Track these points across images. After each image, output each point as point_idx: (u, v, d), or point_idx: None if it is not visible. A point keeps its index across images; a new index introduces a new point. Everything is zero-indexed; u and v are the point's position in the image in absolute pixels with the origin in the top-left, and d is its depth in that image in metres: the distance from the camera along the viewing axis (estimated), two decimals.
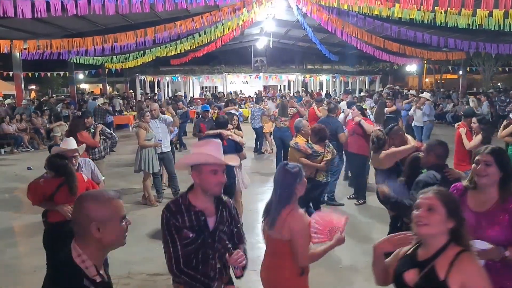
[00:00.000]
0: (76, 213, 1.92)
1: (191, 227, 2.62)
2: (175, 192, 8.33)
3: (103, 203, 1.90)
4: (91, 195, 1.99)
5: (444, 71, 31.05)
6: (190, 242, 2.62)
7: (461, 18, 10.21)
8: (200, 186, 2.65)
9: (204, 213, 2.67)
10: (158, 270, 5.36)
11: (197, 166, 2.64)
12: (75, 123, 7.78)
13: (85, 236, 1.87)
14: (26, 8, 8.93)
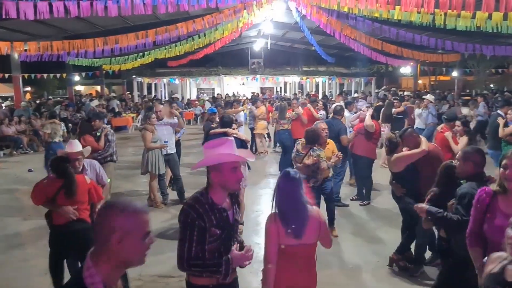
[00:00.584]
0: (99, 221, 1.79)
1: (217, 224, 2.69)
2: (180, 193, 8.34)
3: (129, 214, 1.76)
4: (119, 204, 1.82)
5: (438, 73, 31.23)
6: (216, 238, 2.71)
7: (460, 20, 10.32)
8: (220, 184, 2.72)
9: (226, 209, 2.77)
10: (169, 272, 5.37)
11: (216, 166, 2.70)
12: (83, 126, 7.77)
13: (103, 248, 1.73)
14: (28, 9, 8.92)
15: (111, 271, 1.75)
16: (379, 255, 5.80)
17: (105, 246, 1.72)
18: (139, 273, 5.32)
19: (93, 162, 5.15)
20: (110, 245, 1.71)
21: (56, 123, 10.37)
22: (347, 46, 23.54)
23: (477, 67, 24.30)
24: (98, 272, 1.70)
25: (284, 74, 30.18)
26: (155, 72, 28.49)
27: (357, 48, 16.78)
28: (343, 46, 24.06)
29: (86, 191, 4.46)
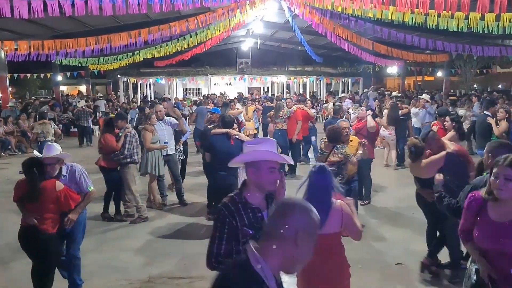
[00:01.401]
0: (282, 216, 1.79)
1: (250, 224, 2.65)
2: (180, 195, 8.27)
3: (312, 216, 1.80)
4: (304, 204, 1.85)
5: (424, 73, 31.62)
6: (250, 238, 2.58)
7: (453, 21, 10.45)
8: (256, 183, 2.69)
9: (260, 209, 2.72)
10: (178, 273, 5.31)
11: (254, 163, 2.67)
12: (105, 125, 7.63)
13: (280, 244, 1.74)
14: (23, 8, 8.76)
15: (279, 268, 1.78)
16: (386, 254, 5.83)
17: (284, 243, 1.74)
18: (148, 275, 5.26)
19: (75, 168, 4.71)
20: (290, 242, 1.74)
21: (46, 123, 10.23)
22: (335, 46, 23.74)
23: (464, 68, 24.63)
24: (270, 266, 1.72)
25: (272, 74, 30.16)
26: (141, 72, 28.20)
27: (348, 48, 16.89)
28: (331, 46, 24.25)
29: (54, 198, 4.19)
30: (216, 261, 2.60)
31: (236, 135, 6.44)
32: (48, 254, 4.29)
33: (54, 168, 4.37)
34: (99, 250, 6.07)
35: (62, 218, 4.40)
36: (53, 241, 4.30)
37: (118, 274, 5.32)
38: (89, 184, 4.73)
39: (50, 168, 4.31)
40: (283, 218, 1.79)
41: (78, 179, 4.66)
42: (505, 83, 35.65)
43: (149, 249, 6.15)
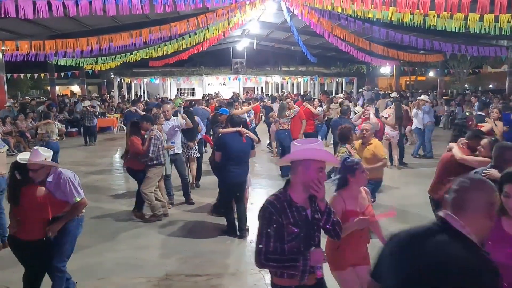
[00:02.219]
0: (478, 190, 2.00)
1: (295, 222, 2.71)
2: (186, 194, 8.32)
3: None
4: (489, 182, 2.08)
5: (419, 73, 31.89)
6: (294, 236, 2.72)
7: (453, 21, 10.60)
8: (303, 182, 2.72)
9: (305, 208, 2.78)
10: (195, 271, 5.37)
11: (304, 162, 2.71)
12: (132, 127, 7.60)
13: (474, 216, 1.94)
14: (28, 8, 8.73)
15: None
16: None
17: (478, 214, 1.95)
18: (165, 273, 5.32)
19: (64, 175, 4.32)
20: (483, 215, 1.96)
21: (50, 123, 10.23)
22: (330, 47, 23.95)
23: (457, 68, 24.89)
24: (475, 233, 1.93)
25: (266, 74, 30.25)
26: (135, 72, 28.13)
27: (345, 48, 17.00)
28: (326, 46, 24.39)
29: (35, 205, 4.10)
30: (266, 258, 2.66)
31: (246, 133, 6.54)
32: (29, 261, 4.28)
33: (38, 173, 4.17)
34: (114, 249, 6.11)
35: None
36: (33, 249, 4.19)
37: (135, 272, 5.37)
38: (75, 195, 4.30)
39: (33, 174, 4.15)
40: (477, 191, 1.99)
41: (63, 187, 4.27)
42: (496, 82, 36.05)
43: (163, 247, 6.21)
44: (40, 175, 4.21)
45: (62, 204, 4.29)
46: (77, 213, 4.42)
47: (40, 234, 4.19)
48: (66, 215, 4.31)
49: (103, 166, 12.25)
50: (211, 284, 5.06)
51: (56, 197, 4.25)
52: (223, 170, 6.42)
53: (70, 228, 4.37)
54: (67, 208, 4.32)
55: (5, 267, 5.39)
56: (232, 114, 7.77)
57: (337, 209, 3.38)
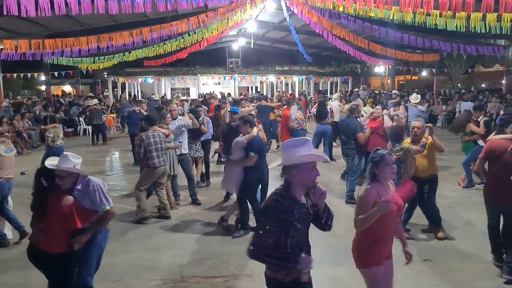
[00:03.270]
0: None
1: (299, 219, 2.89)
2: (193, 194, 8.24)
3: None
4: None
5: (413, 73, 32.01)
6: (298, 232, 2.91)
7: (455, 21, 10.61)
8: (300, 182, 2.93)
9: (305, 204, 2.98)
10: (210, 272, 5.30)
11: (296, 165, 2.89)
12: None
13: None
14: (30, 6, 8.59)
15: None
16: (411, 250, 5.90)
17: None
18: (180, 275, 5.25)
19: (90, 183, 4.06)
20: None
21: (57, 127, 10.10)
22: (326, 46, 24.02)
23: (453, 67, 25.02)
24: None
25: (262, 74, 30.18)
26: (130, 72, 27.92)
27: (343, 47, 16.99)
28: (322, 46, 24.45)
29: (60, 214, 3.86)
30: (261, 252, 2.83)
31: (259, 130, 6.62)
32: (54, 275, 4.04)
33: (64, 180, 3.94)
34: (126, 250, 6.02)
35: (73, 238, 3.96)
36: (57, 263, 3.93)
37: (149, 273, 5.29)
38: (105, 203, 4.05)
39: (60, 180, 3.93)
40: None
41: (92, 196, 4.01)
42: (488, 82, 36.33)
43: (175, 248, 6.13)
44: (66, 183, 3.97)
45: (89, 213, 4.03)
46: (106, 223, 4.18)
47: (64, 246, 3.90)
48: (93, 225, 4.03)
49: (104, 166, 12.16)
50: (228, 285, 5.00)
51: (83, 206, 3.99)
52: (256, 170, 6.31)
53: (97, 240, 4.11)
54: (93, 218, 4.07)
55: (8, 270, 5.32)
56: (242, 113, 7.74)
57: (370, 200, 3.40)
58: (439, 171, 9.47)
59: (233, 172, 6.31)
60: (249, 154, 6.09)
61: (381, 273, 3.52)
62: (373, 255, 3.50)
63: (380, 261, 3.50)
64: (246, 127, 6.26)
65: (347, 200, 7.99)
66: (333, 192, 8.89)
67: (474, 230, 6.60)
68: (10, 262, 5.71)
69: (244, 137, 6.21)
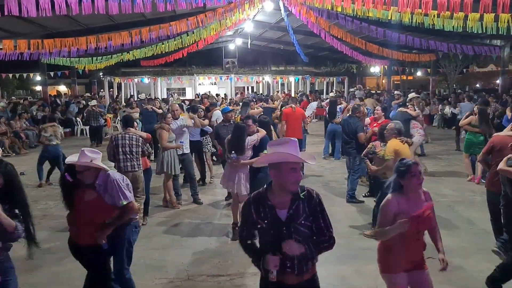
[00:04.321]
0: None
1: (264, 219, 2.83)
2: (194, 193, 8.27)
3: None
4: None
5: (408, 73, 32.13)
6: (263, 232, 2.85)
7: (453, 21, 10.70)
8: (278, 183, 2.79)
9: (276, 207, 2.82)
10: (216, 271, 5.33)
11: (276, 164, 2.77)
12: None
13: None
14: (30, 6, 8.58)
15: None
16: None
17: None
18: (186, 273, 5.27)
19: (111, 177, 4.11)
20: None
21: (55, 125, 10.09)
22: (322, 46, 24.11)
23: (448, 67, 25.14)
24: None
25: (258, 74, 30.22)
26: (126, 72, 27.88)
27: (340, 48, 17.07)
28: (318, 46, 24.52)
29: (84, 208, 3.97)
30: (241, 239, 2.98)
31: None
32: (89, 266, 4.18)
33: (84, 175, 4.00)
34: None
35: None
36: (88, 255, 4.07)
37: (155, 272, 5.31)
38: (122, 198, 4.06)
39: (80, 176, 4.00)
40: None
41: (110, 190, 4.06)
42: (483, 82, 36.59)
43: (178, 247, 6.15)
44: (87, 177, 4.01)
45: (111, 208, 4.07)
46: (126, 218, 4.18)
47: (91, 239, 3.99)
48: (114, 220, 4.09)
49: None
50: (235, 284, 5.03)
51: (105, 201, 4.04)
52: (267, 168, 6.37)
53: (124, 234, 4.22)
54: (116, 212, 4.11)
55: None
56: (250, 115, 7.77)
57: (390, 210, 3.35)
58: (439, 170, 9.65)
59: (242, 172, 6.25)
60: (263, 152, 6.12)
61: (399, 282, 3.43)
62: (389, 262, 3.46)
63: (396, 270, 3.42)
64: (255, 126, 6.34)
65: (348, 199, 8.05)
66: (333, 191, 8.97)
67: (475, 228, 6.67)
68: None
69: (256, 136, 6.22)
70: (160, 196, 8.22)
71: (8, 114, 15.70)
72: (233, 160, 6.06)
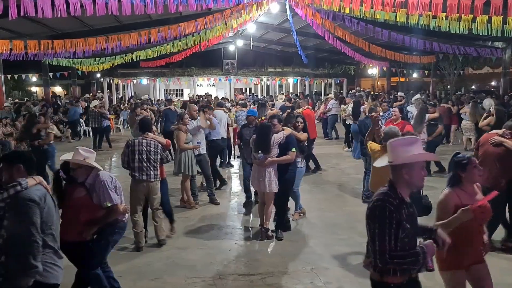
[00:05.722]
0: None
1: (407, 219, 2.74)
2: (211, 194, 8.30)
3: None
4: None
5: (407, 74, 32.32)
6: (407, 234, 2.75)
7: (461, 23, 10.83)
8: (409, 181, 2.79)
9: (412, 204, 2.84)
10: (246, 270, 5.36)
11: (408, 163, 2.78)
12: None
13: None
14: (46, 6, 8.58)
15: None
16: None
17: None
18: (216, 272, 5.31)
19: (100, 178, 4.19)
20: None
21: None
22: (322, 48, 24.21)
23: (448, 69, 25.34)
24: None
25: (257, 75, 30.25)
26: (125, 73, 27.80)
27: (343, 49, 17.16)
28: (318, 48, 24.61)
29: (71, 206, 4.11)
30: (391, 256, 2.66)
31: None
32: (75, 262, 4.27)
33: (76, 172, 4.15)
34: (158, 249, 6.06)
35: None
36: (73, 251, 4.13)
37: (186, 271, 5.34)
38: (106, 199, 4.14)
39: (73, 172, 4.16)
40: None
41: (97, 190, 4.14)
42: (479, 83, 36.94)
43: (203, 247, 6.16)
44: (79, 175, 4.18)
45: (97, 207, 4.17)
46: (110, 219, 4.25)
47: (76, 235, 4.11)
48: (100, 219, 4.21)
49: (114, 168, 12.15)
50: (267, 283, 5.07)
51: (92, 200, 4.16)
52: (293, 166, 6.53)
53: (104, 233, 4.30)
54: (102, 212, 4.21)
55: None
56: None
57: (451, 204, 3.37)
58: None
59: (271, 169, 6.20)
60: (291, 149, 6.16)
61: (462, 278, 3.44)
62: (452, 258, 3.40)
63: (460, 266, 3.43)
64: (280, 125, 6.38)
65: (364, 199, 8.12)
66: (348, 191, 9.06)
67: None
68: None
69: (282, 134, 6.24)
70: (177, 198, 8.24)
71: (13, 115, 15.60)
72: (260, 159, 6.07)
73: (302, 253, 5.88)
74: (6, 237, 3.13)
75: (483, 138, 6.09)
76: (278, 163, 6.20)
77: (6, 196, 3.18)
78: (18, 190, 3.19)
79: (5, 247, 3.15)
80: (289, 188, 6.53)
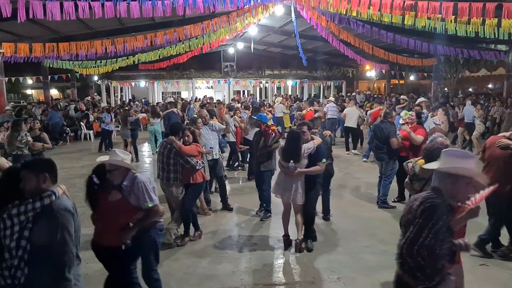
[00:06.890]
0: None
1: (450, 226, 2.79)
2: (224, 200, 8.17)
3: None
4: None
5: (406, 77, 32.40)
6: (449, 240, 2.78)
7: (470, 26, 10.80)
8: (451, 192, 2.83)
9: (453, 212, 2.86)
10: (270, 280, 5.23)
11: (455, 174, 2.81)
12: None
13: None
14: (55, 9, 8.45)
15: None
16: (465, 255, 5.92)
17: None
18: (241, 282, 5.17)
19: (138, 179, 4.11)
20: None
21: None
22: (322, 50, 24.19)
23: (449, 71, 25.39)
24: None
25: (256, 78, 30.17)
26: (123, 75, 27.62)
27: (346, 52, 17.13)
28: (318, 50, 24.60)
29: (108, 209, 4.00)
30: (418, 251, 2.65)
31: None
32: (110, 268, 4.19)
33: (113, 175, 4.05)
34: (174, 258, 5.90)
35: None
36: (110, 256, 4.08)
37: (209, 281, 5.20)
38: (147, 200, 4.06)
39: (109, 175, 4.06)
40: None
41: (136, 192, 4.06)
42: (476, 86, 37.11)
43: (224, 255, 6.01)
44: (116, 177, 4.08)
45: (134, 209, 4.10)
46: (150, 220, 4.18)
47: (114, 240, 4.02)
48: (138, 221, 4.13)
49: None
50: None
51: (129, 202, 4.09)
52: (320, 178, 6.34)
53: (148, 235, 4.20)
54: (139, 214, 4.13)
55: None
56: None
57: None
58: None
59: (299, 181, 5.96)
60: (321, 160, 5.97)
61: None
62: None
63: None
64: (310, 133, 6.10)
65: (379, 205, 8.02)
66: (361, 196, 8.95)
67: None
68: None
69: (313, 143, 5.96)
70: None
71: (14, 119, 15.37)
72: (291, 169, 5.85)
73: (326, 261, 5.75)
74: (34, 248, 3.00)
75: (490, 140, 6.01)
76: (307, 173, 5.97)
77: (38, 206, 3.04)
78: (53, 200, 3.07)
79: (31, 259, 3.01)
80: (316, 199, 6.33)
